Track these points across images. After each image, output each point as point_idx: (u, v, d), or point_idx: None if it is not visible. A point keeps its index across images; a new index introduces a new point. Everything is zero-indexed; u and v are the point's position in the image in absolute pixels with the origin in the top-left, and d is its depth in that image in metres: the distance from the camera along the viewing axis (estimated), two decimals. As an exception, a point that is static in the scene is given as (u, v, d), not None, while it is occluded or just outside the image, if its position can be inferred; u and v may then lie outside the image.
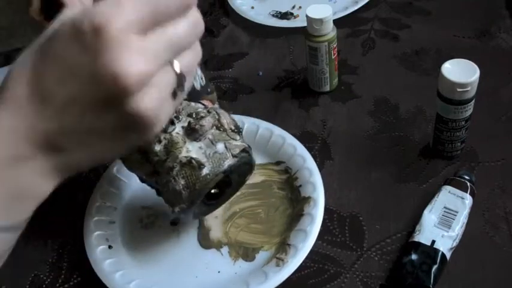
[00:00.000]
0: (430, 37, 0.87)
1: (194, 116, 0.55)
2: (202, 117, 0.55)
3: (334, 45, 0.76)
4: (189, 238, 0.66)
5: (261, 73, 0.87)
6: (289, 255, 0.60)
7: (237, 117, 0.74)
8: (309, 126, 0.77)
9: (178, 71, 0.39)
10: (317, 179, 0.67)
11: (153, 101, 0.37)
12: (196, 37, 0.40)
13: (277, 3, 0.99)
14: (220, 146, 0.55)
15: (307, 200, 0.65)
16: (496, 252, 0.60)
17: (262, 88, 0.84)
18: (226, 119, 0.57)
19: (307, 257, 0.60)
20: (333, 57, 0.77)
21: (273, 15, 0.97)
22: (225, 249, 0.64)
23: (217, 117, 0.56)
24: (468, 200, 0.62)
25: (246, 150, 0.57)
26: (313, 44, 0.75)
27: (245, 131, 0.73)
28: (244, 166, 0.58)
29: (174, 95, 0.39)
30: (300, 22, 0.93)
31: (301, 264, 0.59)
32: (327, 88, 0.80)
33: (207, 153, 0.54)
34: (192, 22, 0.39)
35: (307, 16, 0.74)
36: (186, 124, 0.55)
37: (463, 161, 0.69)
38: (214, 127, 0.56)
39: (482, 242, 0.61)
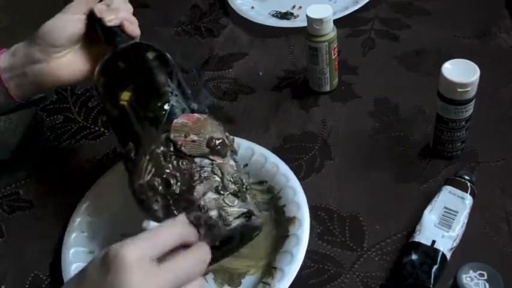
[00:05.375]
0: (430, 37, 0.87)
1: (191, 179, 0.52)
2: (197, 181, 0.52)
3: (334, 45, 0.76)
4: None
5: (261, 73, 0.87)
6: (276, 279, 0.58)
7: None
8: (309, 126, 0.77)
9: None
10: (301, 198, 0.65)
11: None
12: (200, 272, 0.48)
13: (277, 3, 0.99)
14: (213, 214, 0.51)
15: (292, 220, 0.63)
16: (496, 252, 0.60)
17: (262, 88, 0.84)
18: (229, 176, 0.53)
19: (307, 257, 0.60)
20: (333, 57, 0.77)
21: (273, 15, 0.97)
22: (209, 276, 0.61)
23: (218, 178, 0.53)
24: (468, 200, 0.61)
25: (245, 215, 0.53)
26: (313, 44, 0.75)
27: None
28: (245, 227, 0.54)
29: None
30: (300, 22, 0.93)
31: (301, 264, 0.59)
32: (327, 88, 0.80)
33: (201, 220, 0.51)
34: (198, 259, 0.48)
35: (307, 16, 0.74)
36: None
37: (463, 161, 0.69)
38: (212, 190, 0.52)
39: (482, 242, 0.61)
